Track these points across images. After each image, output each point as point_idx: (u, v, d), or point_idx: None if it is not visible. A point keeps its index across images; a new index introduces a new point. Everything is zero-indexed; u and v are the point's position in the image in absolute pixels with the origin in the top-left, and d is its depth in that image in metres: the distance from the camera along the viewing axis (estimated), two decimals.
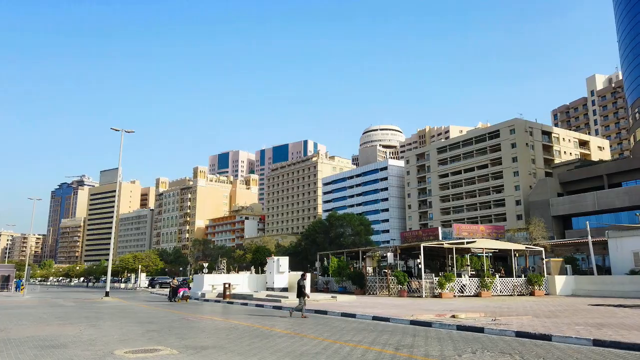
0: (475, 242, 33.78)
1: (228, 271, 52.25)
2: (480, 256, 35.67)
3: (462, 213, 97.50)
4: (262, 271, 45.03)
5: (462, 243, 33.00)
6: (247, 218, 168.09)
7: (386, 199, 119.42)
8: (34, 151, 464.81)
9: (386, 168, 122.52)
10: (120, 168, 45.06)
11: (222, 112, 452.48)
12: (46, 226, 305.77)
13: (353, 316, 17.95)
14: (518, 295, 31.02)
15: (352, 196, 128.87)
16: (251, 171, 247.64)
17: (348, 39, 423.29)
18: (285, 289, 33.38)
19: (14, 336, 12.64)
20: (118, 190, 54.10)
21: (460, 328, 13.72)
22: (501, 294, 30.72)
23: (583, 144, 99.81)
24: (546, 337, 11.60)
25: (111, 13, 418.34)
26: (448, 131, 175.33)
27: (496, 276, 31.70)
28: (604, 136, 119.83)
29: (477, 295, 29.73)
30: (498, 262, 39.11)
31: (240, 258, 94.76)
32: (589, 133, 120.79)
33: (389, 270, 32.80)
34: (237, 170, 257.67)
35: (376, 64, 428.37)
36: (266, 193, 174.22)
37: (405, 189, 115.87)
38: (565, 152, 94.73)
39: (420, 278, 30.09)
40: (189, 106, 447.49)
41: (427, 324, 14.78)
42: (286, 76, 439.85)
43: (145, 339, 11.89)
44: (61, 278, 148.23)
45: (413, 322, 15.31)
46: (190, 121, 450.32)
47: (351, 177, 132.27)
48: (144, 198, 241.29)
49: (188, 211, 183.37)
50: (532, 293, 31.11)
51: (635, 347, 10.01)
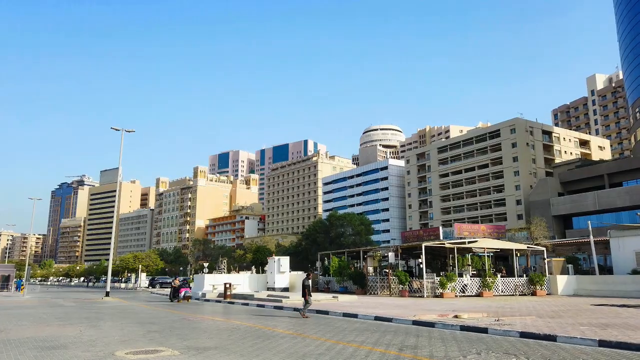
0: (476, 242, 33.65)
1: (229, 271, 52.21)
2: (481, 256, 35.55)
3: (463, 213, 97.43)
4: (263, 271, 44.96)
5: (464, 243, 32.86)
6: (248, 218, 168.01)
7: (386, 199, 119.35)
8: (34, 151, 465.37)
9: (386, 168, 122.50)
10: (120, 168, 44.92)
11: (222, 112, 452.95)
12: (46, 226, 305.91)
13: (355, 316, 17.85)
14: (520, 295, 30.90)
15: (353, 196, 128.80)
16: (251, 171, 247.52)
17: (348, 39, 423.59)
18: (286, 289, 33.30)
19: (14, 337, 12.54)
20: (118, 190, 53.96)
21: (463, 328, 13.62)
22: (503, 294, 30.60)
23: (583, 144, 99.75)
24: (551, 338, 11.50)
25: (111, 13, 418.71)
26: (448, 131, 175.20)
27: (498, 276, 31.58)
28: (604, 136, 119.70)
29: (479, 295, 29.61)
30: (499, 262, 39.00)
31: (240, 258, 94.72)
32: (590, 133, 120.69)
33: (390, 270, 32.69)
34: (237, 170, 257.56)
35: (376, 64, 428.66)
36: (266, 193, 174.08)
37: (405, 189, 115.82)
38: (565, 152, 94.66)
39: (421, 278, 29.98)
40: (189, 106, 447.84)
41: (430, 324, 14.68)
42: (286, 76, 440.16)
43: (146, 340, 11.80)
44: (61, 278, 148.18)
45: (416, 323, 15.20)
46: (190, 121, 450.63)
47: (351, 177, 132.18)
48: (144, 198, 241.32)
49: (188, 211, 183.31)
50: (534, 293, 30.99)
51: None
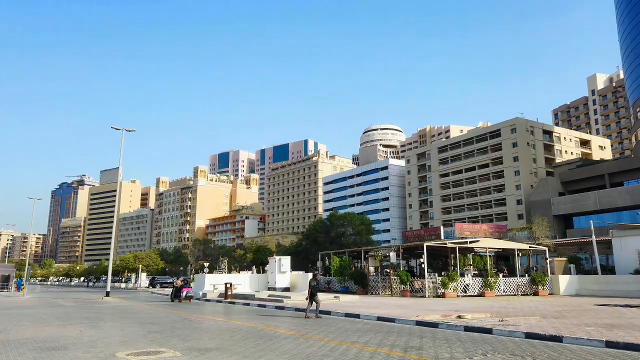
0: (478, 242, 33.53)
1: (229, 271, 52.13)
2: (482, 256, 35.43)
3: (463, 212, 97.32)
4: (264, 271, 44.82)
5: (466, 242, 32.74)
6: (248, 218, 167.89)
7: (387, 199, 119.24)
8: (34, 151, 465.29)
9: (387, 167, 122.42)
10: (120, 167, 44.74)
11: (222, 112, 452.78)
12: (46, 226, 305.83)
13: (357, 317, 17.72)
14: (522, 295, 30.74)
15: (353, 195, 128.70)
16: (251, 171, 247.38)
17: (348, 39, 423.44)
18: (287, 289, 33.17)
19: (14, 337, 12.40)
20: (118, 189, 53.80)
21: (467, 329, 13.47)
22: (505, 294, 30.46)
23: (584, 143, 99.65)
24: (557, 339, 11.36)
25: (111, 13, 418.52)
26: (448, 131, 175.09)
27: (500, 276, 31.44)
28: (605, 135, 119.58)
29: (481, 295, 29.47)
30: (500, 262, 38.89)
31: (240, 258, 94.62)
32: (590, 132, 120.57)
33: (392, 270, 32.56)
34: (238, 169, 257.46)
35: (376, 64, 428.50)
36: (266, 193, 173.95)
37: (405, 189, 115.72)
38: (566, 152, 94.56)
39: (422, 278, 29.85)
40: (189, 106, 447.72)
41: (434, 325, 14.54)
42: (286, 76, 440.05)
43: (147, 341, 11.66)
44: (61, 278, 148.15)
45: (419, 323, 15.06)
46: (190, 121, 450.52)
47: (352, 177, 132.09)
48: (144, 198, 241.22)
49: (188, 211, 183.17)
50: (536, 293, 30.84)
51: None
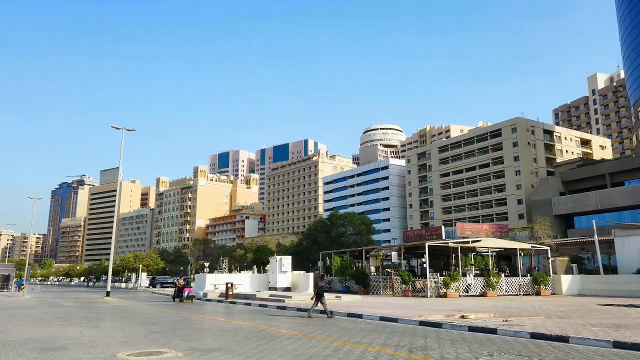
0: (480, 241, 33.41)
1: (230, 271, 52.04)
2: (484, 255, 35.30)
3: (464, 212, 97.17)
4: (264, 271, 44.73)
5: (468, 242, 32.61)
6: (248, 217, 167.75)
7: (387, 198, 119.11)
8: (34, 151, 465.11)
9: (387, 167, 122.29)
10: (120, 167, 44.57)
11: (222, 112, 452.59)
12: (46, 226, 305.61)
13: (360, 317, 17.59)
14: (524, 294, 30.62)
15: (353, 195, 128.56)
16: (251, 171, 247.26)
17: (348, 39, 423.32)
18: (288, 289, 33.05)
19: (13, 337, 12.27)
20: (118, 189, 53.65)
21: (472, 329, 13.34)
22: (507, 294, 30.34)
23: (585, 143, 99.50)
24: (563, 339, 11.22)
25: (111, 13, 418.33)
26: (449, 130, 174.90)
27: (502, 275, 31.31)
28: (605, 135, 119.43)
29: (483, 295, 29.35)
30: (502, 262, 38.76)
31: (241, 257, 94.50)
32: (591, 132, 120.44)
33: (393, 269, 32.43)
34: (238, 169, 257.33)
35: (376, 64, 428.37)
36: (267, 192, 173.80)
37: (406, 188, 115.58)
38: (567, 151, 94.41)
39: (423, 277, 29.71)
40: (189, 106, 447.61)
41: (438, 325, 14.40)
42: (286, 76, 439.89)
43: (148, 341, 11.53)
44: (61, 278, 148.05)
45: (422, 323, 14.92)
46: (190, 121, 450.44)
47: (352, 177, 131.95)
48: (145, 197, 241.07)
49: (188, 211, 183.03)
50: (538, 293, 30.72)
51: None
